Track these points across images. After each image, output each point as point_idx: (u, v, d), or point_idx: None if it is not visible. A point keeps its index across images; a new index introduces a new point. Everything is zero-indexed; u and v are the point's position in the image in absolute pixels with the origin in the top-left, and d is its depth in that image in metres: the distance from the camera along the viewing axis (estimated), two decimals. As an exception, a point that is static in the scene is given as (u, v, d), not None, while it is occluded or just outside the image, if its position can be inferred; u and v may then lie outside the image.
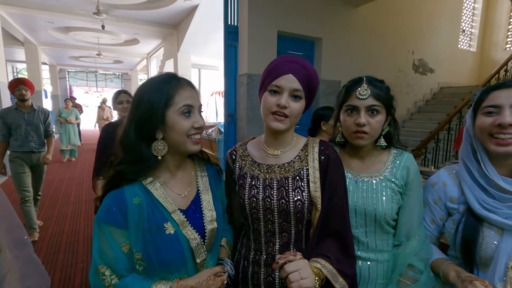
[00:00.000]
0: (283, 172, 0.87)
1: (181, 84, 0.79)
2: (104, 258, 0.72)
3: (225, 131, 3.77)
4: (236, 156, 0.97)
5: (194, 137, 0.80)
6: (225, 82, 3.63)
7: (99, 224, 0.73)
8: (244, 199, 0.88)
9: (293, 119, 0.84)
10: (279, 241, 0.87)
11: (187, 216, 0.81)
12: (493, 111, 0.83)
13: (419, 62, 5.57)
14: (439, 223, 0.96)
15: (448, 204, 0.93)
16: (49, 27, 7.03)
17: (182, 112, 0.77)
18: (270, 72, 0.85)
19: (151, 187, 0.78)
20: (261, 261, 0.88)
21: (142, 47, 9.30)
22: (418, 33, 5.40)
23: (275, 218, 0.85)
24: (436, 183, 0.98)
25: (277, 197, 0.85)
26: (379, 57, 4.70)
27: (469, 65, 6.87)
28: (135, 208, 0.73)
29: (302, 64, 0.84)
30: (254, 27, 3.31)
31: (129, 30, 7.16)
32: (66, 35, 7.74)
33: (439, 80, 6.08)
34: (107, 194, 0.75)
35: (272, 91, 0.84)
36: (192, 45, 6.81)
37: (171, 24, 6.85)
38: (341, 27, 4.09)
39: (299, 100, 0.84)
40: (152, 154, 0.78)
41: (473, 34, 7.12)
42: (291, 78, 0.82)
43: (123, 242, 0.73)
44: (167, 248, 0.75)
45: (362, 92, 0.92)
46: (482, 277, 0.83)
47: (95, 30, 7.03)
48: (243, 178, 0.91)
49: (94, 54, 9.10)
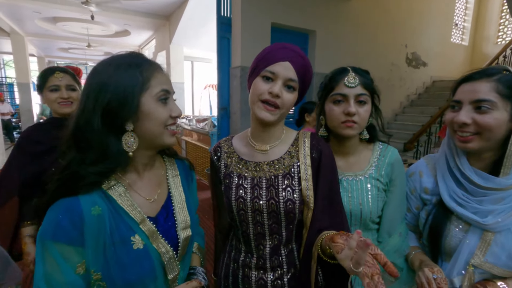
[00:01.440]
0: (273, 169, 0.81)
1: (154, 66, 0.68)
2: (53, 285, 0.57)
3: (218, 125, 3.75)
4: (221, 153, 0.89)
5: (171, 128, 0.69)
6: (218, 74, 3.59)
7: (44, 243, 0.57)
8: (230, 199, 0.81)
9: (284, 111, 0.78)
10: (270, 243, 0.82)
11: (157, 224, 0.70)
12: (455, 106, 0.82)
13: (412, 56, 5.59)
14: (415, 212, 0.97)
15: (422, 195, 0.93)
16: (36, 17, 6.81)
17: (159, 98, 0.66)
18: (264, 58, 0.77)
19: (113, 192, 0.64)
20: (251, 264, 0.83)
21: (133, 39, 9.10)
22: (411, 27, 5.41)
23: (264, 220, 0.80)
24: (413, 173, 0.97)
25: (266, 198, 0.79)
26: (372, 51, 4.70)
27: (461, 59, 6.94)
28: (93, 220, 0.59)
29: (299, 53, 0.78)
30: (247, 19, 3.26)
31: (119, 21, 6.98)
32: (54, 25, 7.51)
33: (431, 73, 6.13)
34: (55, 204, 0.59)
35: (265, 77, 0.76)
36: (184, 37, 6.69)
37: (163, 15, 6.71)
38: (335, 20, 4.06)
39: (292, 91, 0.78)
40: (123, 150, 0.64)
41: (465, 28, 7.17)
42: (287, 65, 0.76)
43: (77, 262, 0.59)
44: (134, 266, 0.63)
45: (350, 80, 0.88)
46: (445, 267, 0.84)
47: (84, 21, 6.84)
48: (229, 177, 0.84)
49: (84, 46, 8.88)
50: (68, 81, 1.37)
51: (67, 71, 1.38)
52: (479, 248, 0.78)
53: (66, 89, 1.35)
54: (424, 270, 0.78)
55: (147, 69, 0.66)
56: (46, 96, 1.36)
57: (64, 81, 1.35)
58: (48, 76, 1.34)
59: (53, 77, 1.34)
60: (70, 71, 1.40)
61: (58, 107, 1.34)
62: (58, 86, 1.34)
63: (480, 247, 0.78)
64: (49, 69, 1.38)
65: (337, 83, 0.90)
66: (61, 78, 1.34)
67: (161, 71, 0.70)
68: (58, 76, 1.34)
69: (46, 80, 1.34)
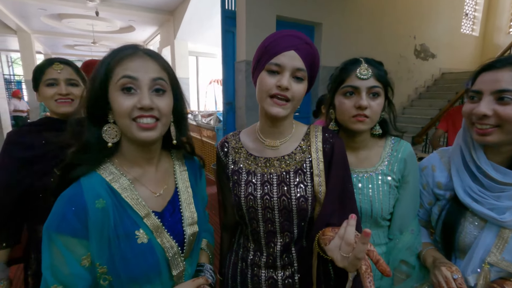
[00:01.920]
0: (284, 165, 0.78)
1: (132, 53, 0.63)
2: (59, 276, 0.58)
3: (223, 120, 3.73)
4: (229, 148, 0.85)
5: (141, 121, 0.61)
6: (223, 69, 3.56)
7: (50, 234, 0.58)
8: (240, 197, 0.78)
9: (295, 103, 0.73)
10: (281, 241, 0.79)
11: (163, 219, 0.69)
12: (474, 97, 0.77)
13: (420, 47, 5.47)
14: (427, 207, 0.94)
15: (435, 190, 0.91)
16: (42, 14, 6.84)
17: (120, 87, 0.60)
18: (267, 49, 0.72)
19: (117, 186, 0.64)
20: (261, 262, 0.81)
21: (138, 35, 9.09)
22: (420, 18, 5.28)
23: (275, 217, 0.76)
24: (425, 168, 0.94)
25: (277, 194, 0.76)
26: (380, 43, 4.60)
27: (471, 50, 6.76)
28: (97, 213, 0.59)
29: (304, 40, 0.72)
30: (252, 12, 3.21)
31: (124, 17, 6.97)
32: (60, 22, 7.54)
33: (440, 65, 5.99)
34: (60, 196, 0.61)
35: (270, 70, 0.71)
36: (189, 31, 6.65)
37: (167, 10, 6.67)
38: (341, 11, 3.98)
39: (301, 81, 0.72)
40: (100, 139, 0.64)
41: (476, 18, 6.97)
42: (293, 54, 0.70)
43: (83, 255, 0.59)
44: (138, 260, 0.63)
45: (363, 71, 0.83)
46: (458, 264, 0.82)
47: (89, 17, 6.84)
48: (238, 173, 0.81)
49: (89, 42, 8.91)
50: (69, 74, 1.12)
51: (69, 63, 1.15)
52: (495, 245, 0.75)
53: (65, 83, 1.11)
54: (441, 269, 0.76)
55: (119, 56, 0.62)
56: (42, 92, 1.11)
57: (64, 74, 1.11)
58: (45, 68, 1.10)
59: (51, 69, 1.10)
60: (73, 63, 1.17)
61: (55, 106, 1.10)
62: (56, 80, 1.10)
63: (497, 244, 0.75)
64: (47, 60, 1.14)
65: (349, 75, 0.85)
66: (60, 71, 1.10)
67: (134, 58, 0.62)
68: (57, 68, 1.10)
69: (43, 73, 1.10)
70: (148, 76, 0.62)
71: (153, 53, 0.66)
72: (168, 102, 0.66)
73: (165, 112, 0.65)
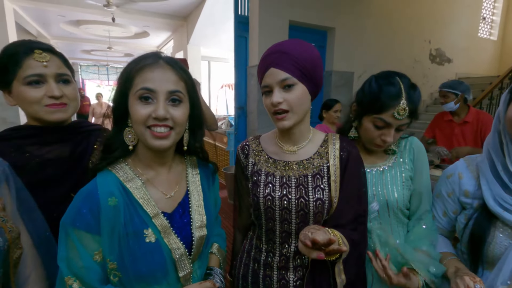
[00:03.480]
0: (302, 169, 0.81)
1: (152, 63, 0.65)
2: (73, 268, 0.61)
3: (235, 124, 3.74)
4: (249, 151, 0.89)
5: (155, 130, 0.64)
6: (235, 73, 3.58)
7: (66, 228, 0.62)
8: (258, 197, 0.81)
9: (296, 110, 0.75)
10: (295, 242, 0.81)
11: (172, 221, 0.70)
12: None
13: (436, 52, 5.36)
14: (452, 216, 0.90)
15: (461, 198, 0.87)
16: (61, 20, 7.08)
17: (139, 97, 0.63)
18: (258, 73, 0.80)
19: (130, 185, 0.66)
20: (273, 263, 0.82)
21: (152, 40, 9.28)
22: (435, 21, 5.18)
23: (292, 218, 0.79)
24: (451, 175, 0.90)
25: (295, 196, 0.79)
26: (394, 47, 4.54)
27: (489, 55, 6.57)
28: (110, 210, 0.62)
29: (281, 50, 0.74)
30: (265, 17, 3.23)
31: (139, 23, 7.13)
32: (78, 28, 7.79)
33: (457, 70, 5.85)
34: (78, 193, 0.64)
35: (265, 92, 0.78)
36: (201, 37, 6.75)
37: (181, 16, 6.79)
38: (355, 16, 3.95)
39: (293, 87, 0.74)
40: (122, 141, 0.68)
41: (494, 22, 6.79)
42: (273, 72, 0.74)
43: (95, 250, 0.63)
44: (146, 259, 0.65)
45: (401, 112, 0.83)
46: (486, 276, 0.78)
47: (105, 23, 7.04)
48: (258, 174, 0.84)
49: (105, 47, 9.15)
50: (58, 67, 0.82)
51: (53, 51, 0.83)
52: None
53: (55, 80, 0.82)
54: (464, 278, 0.72)
55: (140, 66, 0.65)
56: (19, 93, 0.78)
57: (51, 68, 0.80)
58: (22, 58, 0.77)
59: (32, 60, 0.77)
60: (57, 51, 0.85)
61: (45, 112, 0.81)
62: (41, 77, 0.79)
63: None
64: (20, 46, 0.79)
65: (386, 110, 0.84)
66: (47, 63, 0.79)
67: (158, 68, 0.65)
68: (41, 58, 0.78)
69: (18, 65, 0.76)
70: (165, 88, 0.64)
71: (173, 63, 0.68)
72: (183, 112, 0.68)
73: (179, 122, 0.67)
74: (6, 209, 0.66)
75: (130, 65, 0.66)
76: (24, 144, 0.82)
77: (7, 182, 0.68)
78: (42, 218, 0.78)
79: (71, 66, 0.89)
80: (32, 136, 0.84)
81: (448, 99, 2.30)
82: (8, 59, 0.77)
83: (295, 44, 0.75)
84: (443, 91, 2.35)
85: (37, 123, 0.85)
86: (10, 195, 0.69)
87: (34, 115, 0.82)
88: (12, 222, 0.65)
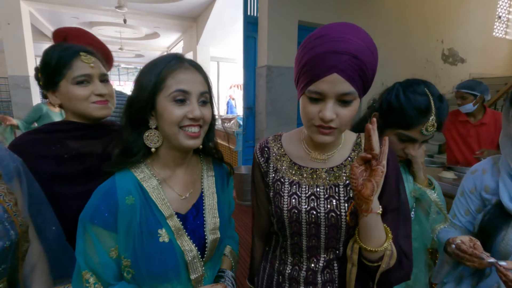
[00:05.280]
0: (332, 178, 0.70)
1: (180, 65, 0.66)
2: (90, 263, 0.63)
3: (243, 124, 3.75)
4: (270, 155, 0.78)
5: (188, 130, 0.66)
6: (244, 74, 3.59)
7: (85, 224, 0.63)
8: (282, 209, 0.71)
9: (343, 128, 0.64)
10: (324, 257, 0.72)
11: (186, 222, 0.71)
12: None
13: (448, 52, 5.25)
14: (475, 214, 0.89)
15: (483, 194, 0.87)
16: (75, 22, 7.25)
17: (173, 99, 0.64)
18: (305, 69, 0.61)
19: (147, 185, 0.67)
20: (300, 277, 0.73)
21: (162, 41, 9.40)
22: (448, 20, 5.07)
23: (321, 234, 0.69)
24: (476, 171, 0.91)
25: (324, 210, 0.68)
26: (405, 47, 4.47)
27: (504, 54, 6.39)
28: (127, 209, 0.63)
29: (351, 53, 0.56)
30: (274, 17, 3.23)
31: (149, 24, 7.24)
32: (91, 30, 7.95)
33: (470, 70, 5.71)
34: (96, 190, 0.66)
35: (312, 99, 0.61)
36: (211, 37, 6.79)
37: (191, 17, 6.85)
38: (366, 15, 3.91)
39: (351, 103, 0.61)
40: (142, 144, 0.68)
41: (510, 21, 6.60)
42: (336, 79, 0.57)
43: (111, 246, 0.64)
44: (159, 258, 0.65)
45: (429, 129, 0.80)
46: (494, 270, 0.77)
47: (117, 25, 7.17)
48: (280, 183, 0.73)
49: (117, 48, 9.32)
50: (100, 68, 0.92)
51: (95, 54, 0.92)
52: None
53: (100, 79, 0.91)
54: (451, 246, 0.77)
55: (169, 68, 0.65)
56: (67, 92, 0.86)
57: (97, 69, 0.90)
58: (71, 60, 0.85)
59: (80, 62, 0.86)
60: (97, 53, 0.93)
61: (92, 109, 0.89)
62: (89, 77, 0.88)
63: None
64: (67, 49, 0.87)
65: (414, 127, 0.80)
66: (93, 64, 0.89)
67: (187, 70, 0.66)
68: (88, 60, 0.88)
69: (68, 67, 0.85)
70: (198, 90, 0.67)
71: (197, 65, 0.70)
72: (210, 112, 0.71)
73: (207, 121, 0.70)
74: (18, 204, 0.69)
75: (156, 67, 0.65)
76: (63, 138, 0.89)
77: (19, 178, 0.71)
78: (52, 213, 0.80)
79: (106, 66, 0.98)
80: (71, 130, 0.91)
81: (466, 100, 2.17)
82: (58, 61, 0.85)
83: (365, 46, 0.57)
84: (461, 92, 2.20)
85: (77, 119, 0.92)
86: (21, 190, 0.71)
87: (82, 111, 0.89)
88: (23, 216, 0.68)
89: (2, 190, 0.65)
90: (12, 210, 0.64)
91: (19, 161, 0.73)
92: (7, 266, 0.64)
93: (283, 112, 3.42)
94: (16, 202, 0.68)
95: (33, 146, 0.85)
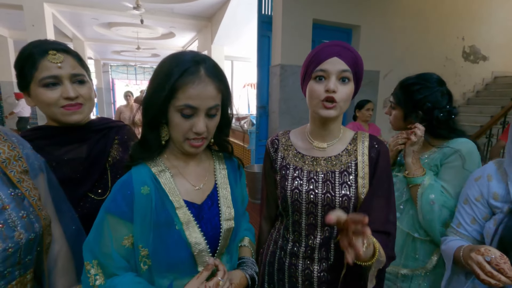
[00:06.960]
0: (330, 165, 0.84)
1: (195, 76, 0.64)
2: (96, 252, 0.65)
3: (257, 123, 3.76)
4: (279, 145, 0.93)
5: (193, 142, 0.69)
6: (257, 73, 3.60)
7: (102, 214, 0.67)
8: (286, 190, 0.85)
9: (342, 104, 0.79)
10: (320, 235, 0.84)
11: (202, 212, 0.73)
12: None
13: (470, 49, 5.06)
14: (482, 222, 0.85)
15: (491, 202, 0.83)
16: (94, 23, 7.48)
17: (181, 112, 0.65)
18: (312, 60, 0.80)
19: (161, 176, 0.70)
20: (299, 253, 0.86)
21: (177, 40, 9.54)
22: (469, 17, 4.88)
23: (318, 212, 0.82)
24: (479, 177, 0.87)
25: (322, 191, 0.81)
26: (423, 45, 4.34)
27: (530, 52, 6.09)
28: (142, 198, 0.66)
29: (345, 46, 0.79)
30: (288, 16, 3.22)
31: (165, 24, 7.37)
32: (109, 30, 8.18)
33: (493, 68, 5.49)
34: (116, 183, 0.69)
35: (317, 77, 0.79)
36: (225, 36, 6.84)
37: (206, 17, 6.92)
38: (382, 12, 3.83)
39: (347, 82, 0.79)
40: (159, 140, 0.71)
41: (537, 16, 6.27)
42: (336, 60, 0.77)
43: (125, 235, 0.66)
44: (176, 247, 0.68)
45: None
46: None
47: (134, 25, 7.34)
48: (286, 168, 0.88)
49: (133, 48, 9.54)
50: (72, 67, 0.82)
51: (68, 50, 0.83)
52: None
53: (70, 81, 0.82)
54: (471, 256, 0.71)
55: (184, 78, 0.63)
56: (36, 95, 0.80)
57: (66, 69, 0.80)
58: (38, 60, 0.78)
59: (47, 62, 0.78)
60: (72, 49, 0.84)
61: (62, 114, 0.82)
62: (57, 78, 0.80)
63: None
64: (35, 46, 0.79)
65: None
66: (61, 64, 0.79)
67: (197, 83, 0.64)
68: (55, 59, 0.79)
69: (35, 67, 0.78)
70: (206, 105, 0.66)
71: (213, 74, 0.67)
72: (216, 123, 0.72)
73: (212, 132, 0.72)
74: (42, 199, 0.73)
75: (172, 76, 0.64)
76: (44, 145, 0.84)
77: (42, 175, 0.75)
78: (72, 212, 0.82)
79: (86, 65, 0.89)
80: (50, 137, 0.87)
81: None
82: (24, 61, 0.79)
83: (355, 50, 0.81)
84: None
85: (55, 123, 0.87)
86: (44, 187, 0.76)
87: (51, 116, 0.85)
88: (46, 211, 0.72)
89: (28, 185, 0.69)
90: (36, 204, 0.68)
91: (42, 160, 0.77)
92: (32, 257, 0.67)
93: (296, 111, 3.40)
94: (39, 197, 0.72)
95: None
